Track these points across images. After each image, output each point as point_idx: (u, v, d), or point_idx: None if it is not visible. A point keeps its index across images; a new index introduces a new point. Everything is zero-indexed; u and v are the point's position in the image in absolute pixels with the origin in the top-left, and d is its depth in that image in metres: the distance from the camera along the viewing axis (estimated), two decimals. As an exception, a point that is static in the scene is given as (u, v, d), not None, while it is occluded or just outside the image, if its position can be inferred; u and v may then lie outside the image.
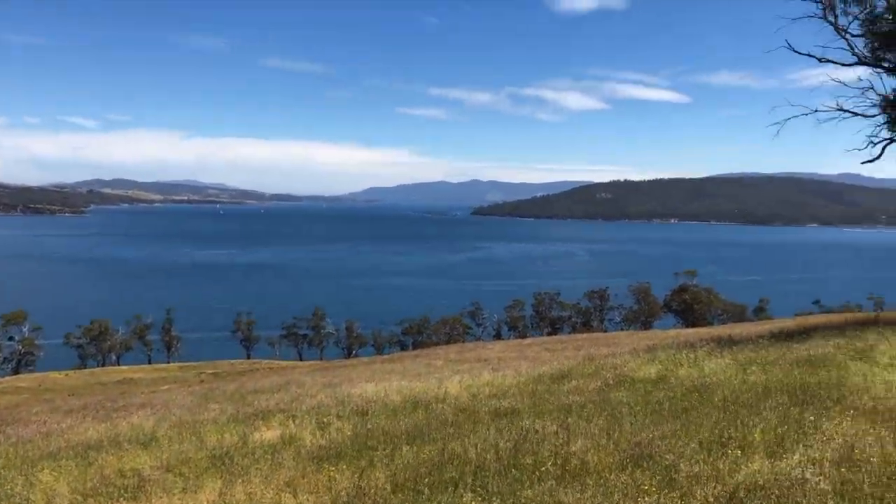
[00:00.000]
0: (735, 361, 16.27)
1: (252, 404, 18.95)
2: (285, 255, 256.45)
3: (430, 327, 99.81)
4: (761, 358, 16.25)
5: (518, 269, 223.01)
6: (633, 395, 12.88)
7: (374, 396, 16.98)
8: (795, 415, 9.32)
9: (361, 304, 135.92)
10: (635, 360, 18.72)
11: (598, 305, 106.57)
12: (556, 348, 46.34)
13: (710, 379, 13.94)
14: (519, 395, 14.80)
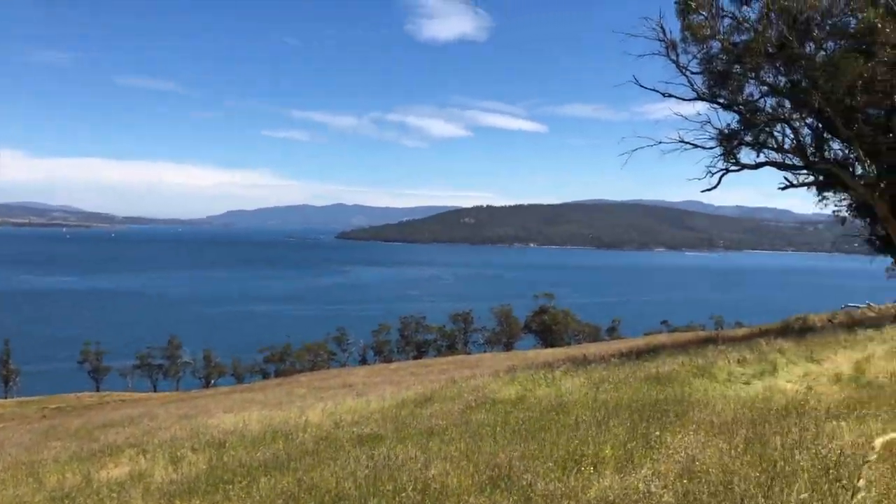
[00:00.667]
0: (589, 380, 16.91)
1: (99, 440, 17.82)
2: (135, 281, 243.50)
3: (293, 354, 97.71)
4: (613, 376, 16.98)
5: (384, 293, 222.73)
6: (494, 417, 13.09)
7: (233, 427, 16.39)
8: (643, 430, 9.78)
9: (220, 331, 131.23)
10: (496, 381, 19.08)
11: (462, 328, 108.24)
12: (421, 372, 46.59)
13: (567, 398, 14.42)
14: (382, 420, 14.70)
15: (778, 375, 16.52)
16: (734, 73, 28.61)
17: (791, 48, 26.77)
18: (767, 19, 27.27)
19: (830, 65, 24.66)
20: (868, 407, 10.86)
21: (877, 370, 15.17)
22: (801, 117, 29.46)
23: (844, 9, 26.48)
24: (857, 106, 25.95)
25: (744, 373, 16.72)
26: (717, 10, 29.19)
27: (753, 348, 19.79)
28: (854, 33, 25.49)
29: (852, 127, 27.19)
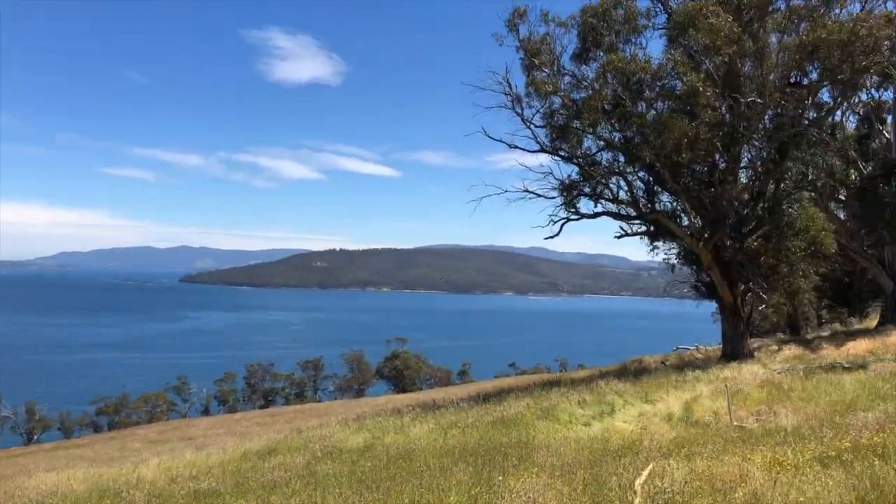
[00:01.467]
0: (438, 425, 16.93)
1: None
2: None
3: (130, 406, 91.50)
4: (461, 421, 17.10)
5: (230, 339, 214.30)
6: (340, 467, 12.77)
7: (54, 487, 15.00)
8: (487, 476, 9.85)
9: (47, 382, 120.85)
10: (345, 430, 18.71)
11: (312, 375, 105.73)
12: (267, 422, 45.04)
13: (415, 444, 14.33)
14: (222, 474, 13.97)
15: (616, 416, 17.24)
16: (574, 127, 30.22)
17: (625, 106, 28.70)
18: (604, 79, 29.13)
19: (659, 123, 26.58)
20: (695, 445, 11.50)
21: (703, 410, 16.17)
22: (635, 171, 31.50)
23: (671, 72, 28.74)
24: (684, 162, 28.08)
25: (584, 414, 17.34)
26: (558, 68, 30.92)
27: (593, 390, 20.61)
28: (680, 95, 27.67)
29: (679, 181, 29.39)
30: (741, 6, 29.88)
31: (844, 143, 37.12)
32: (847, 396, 14.65)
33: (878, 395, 14.13)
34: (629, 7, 30.52)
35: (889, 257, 39.85)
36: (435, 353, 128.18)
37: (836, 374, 19.47)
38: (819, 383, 17.67)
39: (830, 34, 26.63)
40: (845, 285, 53.73)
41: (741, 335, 31.14)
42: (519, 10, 29.90)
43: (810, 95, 31.13)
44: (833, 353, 28.70)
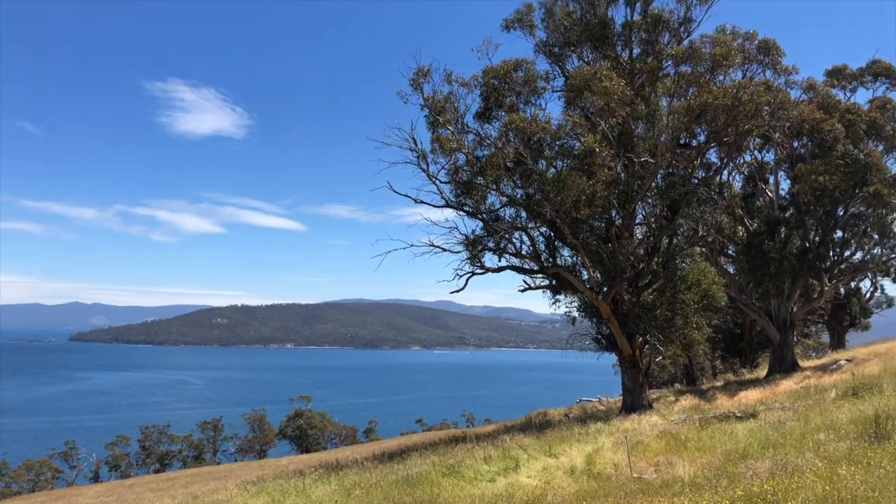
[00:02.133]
0: (341, 486, 16.47)
1: None
2: None
3: (10, 474, 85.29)
4: (365, 480, 16.70)
5: (124, 400, 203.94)
6: (237, 534, 12.19)
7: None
8: (390, 538, 9.60)
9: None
10: (243, 493, 17.95)
11: (211, 436, 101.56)
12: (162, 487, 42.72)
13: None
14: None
15: (520, 471, 17.23)
16: (478, 184, 30.79)
17: (526, 164, 29.52)
18: (506, 137, 29.94)
19: (559, 181, 27.42)
20: (596, 498, 11.59)
21: (605, 462, 16.37)
22: (537, 226, 32.28)
23: (570, 132, 29.84)
24: (582, 218, 28.96)
25: (489, 470, 17.25)
26: (462, 126, 31.60)
27: (498, 445, 20.57)
28: (578, 154, 28.74)
29: (578, 237, 30.27)
30: (633, 71, 31.55)
31: (731, 201, 39.22)
32: (740, 445, 15.15)
33: (768, 444, 14.67)
34: (529, 70, 31.69)
35: (775, 309, 42.00)
36: (341, 410, 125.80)
37: (729, 423, 20.14)
38: (714, 433, 18.22)
39: (716, 99, 28.34)
40: (736, 336, 56.21)
41: (640, 386, 31.95)
42: (423, 69, 30.51)
43: (699, 156, 32.93)
44: (727, 403, 29.76)
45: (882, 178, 37.44)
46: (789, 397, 26.12)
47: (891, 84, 41.94)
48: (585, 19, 32.43)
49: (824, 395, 23.21)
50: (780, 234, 41.49)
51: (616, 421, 25.99)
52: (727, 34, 32.02)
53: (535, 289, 34.34)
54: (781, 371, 39.99)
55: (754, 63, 34.25)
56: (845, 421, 15.07)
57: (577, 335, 35.79)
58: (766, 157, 44.22)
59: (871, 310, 57.96)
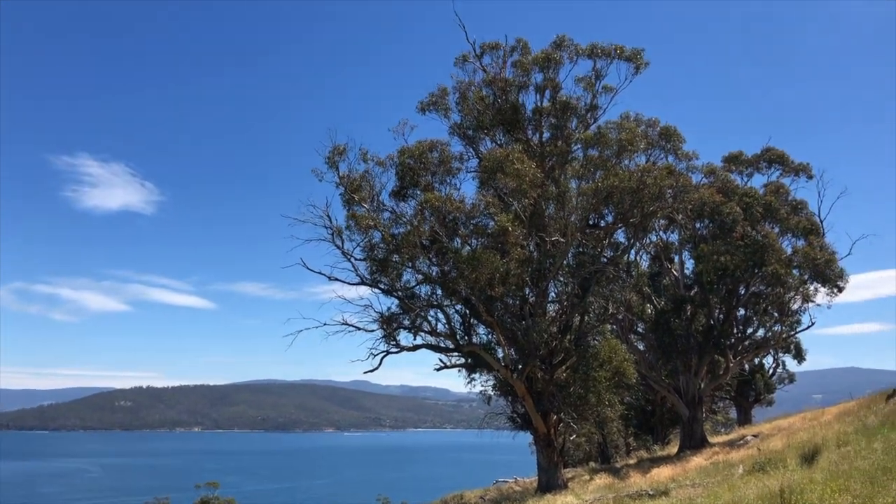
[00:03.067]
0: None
1: None
2: None
3: None
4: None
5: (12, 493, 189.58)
6: None
7: None
8: None
9: None
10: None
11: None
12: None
13: None
14: None
15: (434, 556, 16.71)
16: (393, 261, 30.84)
17: (442, 242, 29.83)
18: (422, 216, 30.28)
19: (473, 259, 27.76)
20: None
21: (520, 543, 16.08)
22: (452, 304, 32.40)
23: (484, 212, 30.43)
24: (496, 296, 29.28)
25: (402, 556, 16.67)
26: (378, 204, 31.85)
27: (412, 529, 19.95)
28: (492, 233, 29.27)
29: (493, 314, 30.51)
30: (544, 154, 32.70)
31: (639, 279, 40.44)
32: (652, 523, 15.15)
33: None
34: (444, 151, 32.45)
35: (684, 386, 43.00)
36: (251, 497, 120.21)
37: (641, 501, 20.19)
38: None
39: (622, 182, 29.55)
40: (648, 413, 57.13)
41: (555, 465, 31.87)
42: (338, 147, 30.81)
43: (607, 236, 34.04)
44: (640, 481, 29.91)
45: (778, 259, 39.43)
46: (699, 473, 26.47)
47: (784, 170, 44.69)
48: (498, 104, 33.62)
49: (732, 470, 23.62)
50: (687, 311, 42.88)
51: (531, 502, 25.72)
52: (631, 121, 33.74)
53: (451, 367, 34.20)
54: (691, 447, 40.67)
55: (657, 148, 36.03)
56: (752, 497, 15.32)
57: (492, 414, 35.61)
58: (670, 238, 46.01)
59: (775, 385, 60.11)
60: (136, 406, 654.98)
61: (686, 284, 44.38)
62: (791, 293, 42.25)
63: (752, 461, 23.56)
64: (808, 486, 14.38)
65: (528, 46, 33.85)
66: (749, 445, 34.86)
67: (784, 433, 33.86)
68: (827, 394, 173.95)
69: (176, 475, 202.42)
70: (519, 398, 32.08)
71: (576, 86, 33.92)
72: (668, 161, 36.73)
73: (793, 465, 19.45)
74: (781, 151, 44.82)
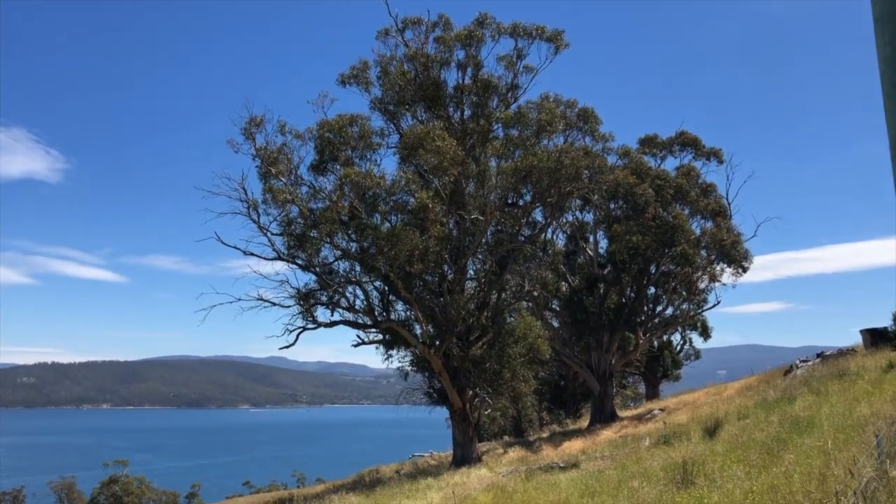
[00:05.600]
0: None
1: None
2: None
3: None
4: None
5: None
6: None
7: None
8: None
9: None
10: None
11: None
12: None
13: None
14: None
15: (349, 531, 16.78)
16: (311, 236, 30.44)
17: (361, 218, 29.60)
18: (341, 191, 29.93)
19: (393, 236, 27.70)
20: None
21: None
22: (371, 280, 32.29)
23: (404, 188, 30.35)
24: (415, 273, 29.32)
25: (317, 532, 16.66)
26: (296, 178, 31.31)
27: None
28: (412, 210, 29.22)
29: (412, 291, 30.57)
30: (465, 132, 32.78)
31: (555, 258, 41.20)
32: (562, 496, 15.60)
33: (587, 492, 15.22)
34: (364, 125, 32.10)
35: (595, 362, 44.23)
36: (162, 475, 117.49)
37: (553, 474, 20.75)
38: (539, 484, 18.68)
39: (540, 162, 29.93)
40: (561, 388, 58.58)
41: (470, 440, 32.35)
42: (255, 119, 30.11)
43: (525, 215, 34.48)
44: (552, 454, 30.74)
45: (687, 239, 40.88)
46: (609, 446, 27.38)
47: (695, 154, 46.15)
48: (419, 80, 33.45)
49: (640, 443, 24.54)
50: (600, 289, 44.00)
51: (446, 475, 26.07)
52: (550, 101, 34.10)
53: (369, 343, 34.16)
54: (602, 421, 41.96)
55: (575, 129, 36.61)
56: (657, 468, 15.96)
57: (409, 390, 35.82)
58: (586, 218, 47.00)
59: (682, 362, 62.50)
60: (40, 382, 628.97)
61: (600, 263, 45.49)
62: (699, 272, 43.91)
63: (658, 434, 24.52)
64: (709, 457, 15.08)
65: (450, 22, 33.74)
66: (656, 419, 36.24)
67: (689, 407, 35.34)
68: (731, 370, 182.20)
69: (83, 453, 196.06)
70: (436, 374, 32.35)
71: (497, 64, 34.10)
72: (586, 142, 37.40)
73: (696, 438, 20.34)
74: (694, 136, 46.23)
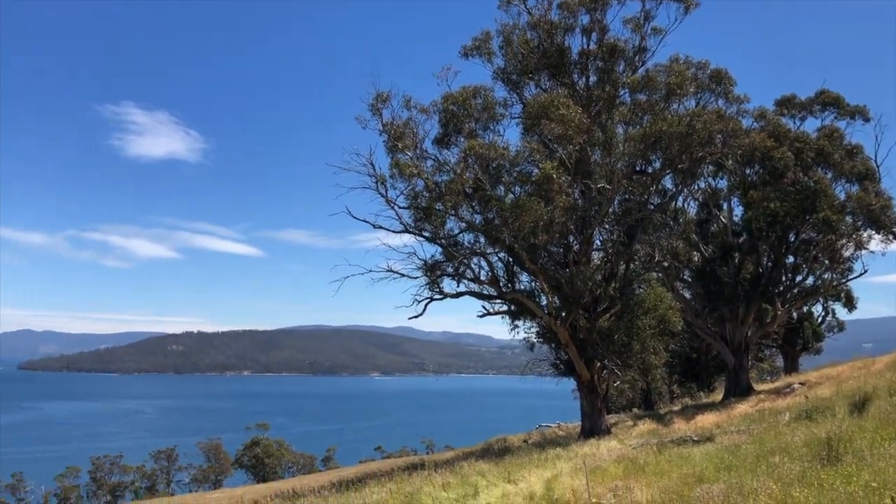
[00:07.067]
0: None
1: None
2: None
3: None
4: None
5: (74, 431, 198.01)
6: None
7: None
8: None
9: None
10: (195, 526, 17.48)
11: (165, 467, 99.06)
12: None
13: (270, 539, 13.54)
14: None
15: (479, 498, 17.05)
16: (437, 209, 30.78)
17: (485, 190, 29.64)
18: (465, 163, 30.02)
19: (517, 207, 27.55)
20: (555, 525, 11.49)
21: (563, 487, 16.29)
22: (495, 252, 32.35)
23: (528, 159, 30.08)
24: (540, 244, 29.11)
25: (448, 497, 17.04)
26: (421, 152, 31.65)
27: (457, 472, 20.37)
28: (536, 181, 28.90)
29: (537, 262, 30.40)
30: (590, 99, 32.04)
31: (686, 227, 39.88)
32: (696, 469, 15.21)
33: (723, 467, 14.76)
34: (487, 97, 31.97)
35: (730, 334, 42.63)
36: (298, 438, 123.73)
37: (686, 447, 20.25)
38: (671, 457, 18.29)
39: (670, 127, 28.87)
40: (693, 361, 56.88)
41: (599, 412, 32.04)
42: (382, 95, 30.57)
43: (654, 183, 33.41)
44: (684, 427, 29.98)
45: (830, 205, 38.44)
46: (744, 420, 26.41)
47: (838, 114, 43.17)
48: (542, 47, 32.91)
49: (778, 418, 23.51)
50: (734, 259, 42.25)
51: (575, 446, 25.97)
52: (680, 63, 32.72)
53: (494, 314, 34.36)
54: (737, 395, 40.51)
55: (707, 92, 35.06)
56: (799, 444, 15.26)
57: (536, 361, 35.81)
58: (719, 184, 45.13)
59: (823, 334, 59.19)
60: (187, 350, 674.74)
61: (734, 231, 43.63)
62: (843, 240, 41.27)
63: (798, 409, 23.39)
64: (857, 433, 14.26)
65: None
66: (796, 393, 34.59)
67: (832, 381, 33.49)
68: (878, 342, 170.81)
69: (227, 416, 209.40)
70: (562, 345, 32.14)
71: (623, 27, 33.00)
72: (718, 105, 35.71)
73: (841, 414, 19.27)
74: (836, 94, 43.24)
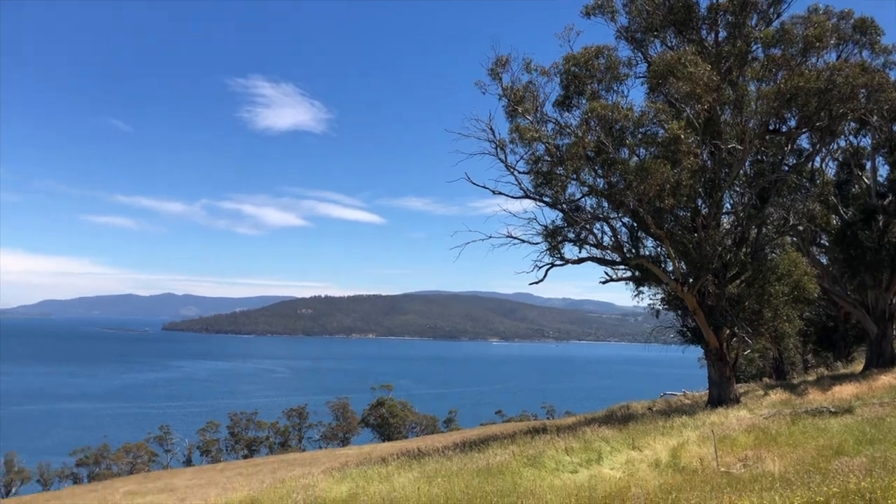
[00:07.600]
0: (423, 474, 16.65)
1: None
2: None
3: (111, 456, 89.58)
4: (446, 469, 16.83)
5: (213, 388, 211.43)
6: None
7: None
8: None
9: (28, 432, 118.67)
10: (328, 479, 18.34)
11: (296, 424, 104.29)
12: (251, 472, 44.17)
13: (399, 493, 14.06)
14: (201, 527, 13.63)
15: (603, 463, 17.04)
16: (558, 174, 30.41)
17: (608, 153, 28.99)
18: (587, 126, 29.45)
19: (642, 170, 26.83)
20: (682, 491, 11.35)
21: (690, 455, 16.02)
22: (619, 216, 31.69)
23: (653, 120, 29.17)
24: (666, 207, 28.28)
25: (571, 461, 17.11)
26: (541, 115, 31.25)
27: (580, 437, 20.38)
28: (662, 142, 28.02)
29: (663, 227, 29.57)
30: (720, 55, 30.55)
31: (824, 188, 37.64)
32: (834, 441, 14.57)
33: (864, 440, 14.06)
34: (610, 56, 31.07)
35: (872, 301, 40.13)
36: (421, 400, 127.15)
37: (822, 418, 19.39)
38: (806, 428, 17.58)
39: (808, 82, 27.20)
40: (830, 329, 53.95)
41: (727, 380, 31.06)
42: (501, 59, 30.34)
43: (789, 142, 31.66)
44: (819, 398, 28.65)
45: None
46: (888, 392, 24.94)
47: None
48: (668, 3, 31.61)
49: (927, 391, 22.07)
50: (878, 222, 39.56)
51: (702, 415, 25.37)
52: (820, 14, 30.66)
53: (617, 280, 33.82)
54: (879, 365, 38.21)
55: (850, 43, 32.72)
56: (950, 418, 14.30)
57: (660, 328, 35.07)
58: (862, 142, 42.18)
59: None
60: (316, 314, 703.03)
61: (879, 192, 40.75)
62: None
63: (950, 382, 21.88)
64: None
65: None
66: (947, 366, 32.26)
67: None
68: None
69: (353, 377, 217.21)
70: (690, 312, 31.28)
71: (757, -23, 31.17)
72: (863, 57, 33.23)
73: None
74: None
